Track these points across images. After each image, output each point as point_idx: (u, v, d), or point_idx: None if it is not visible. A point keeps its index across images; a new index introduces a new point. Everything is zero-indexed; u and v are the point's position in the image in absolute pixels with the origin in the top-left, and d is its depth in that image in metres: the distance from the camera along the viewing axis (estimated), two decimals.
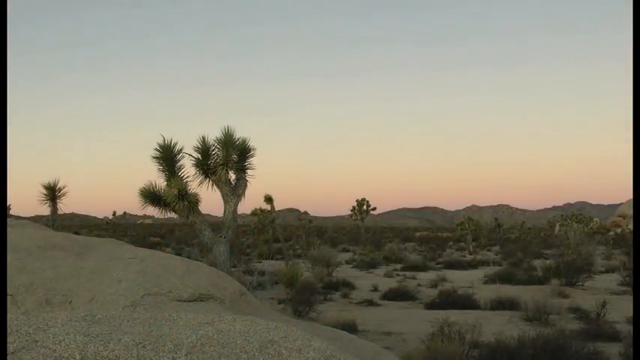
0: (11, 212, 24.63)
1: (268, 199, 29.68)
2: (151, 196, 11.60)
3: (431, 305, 15.27)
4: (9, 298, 5.36)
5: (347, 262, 30.96)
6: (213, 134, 11.83)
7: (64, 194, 16.45)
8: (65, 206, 16.61)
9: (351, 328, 10.91)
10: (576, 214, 61.35)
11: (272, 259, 32.39)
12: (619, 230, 60.70)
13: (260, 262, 29.38)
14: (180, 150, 11.87)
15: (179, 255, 15.03)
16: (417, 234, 78.93)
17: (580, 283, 19.60)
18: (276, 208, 31.56)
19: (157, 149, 11.72)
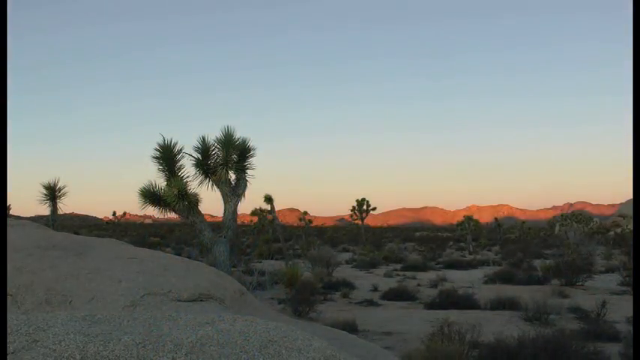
0: (11, 212, 24.64)
1: (268, 199, 29.68)
2: (151, 196, 11.60)
3: (431, 305, 15.26)
4: (9, 298, 5.37)
5: (347, 262, 30.95)
6: (213, 134, 11.86)
7: (64, 194, 16.48)
8: (65, 206, 16.66)
9: (351, 328, 10.90)
10: (576, 214, 61.29)
11: (272, 259, 32.38)
12: (619, 230, 60.59)
13: (260, 262, 29.36)
14: (180, 150, 11.88)
15: (179, 255, 15.02)
16: (417, 234, 78.91)
17: (580, 283, 19.59)
18: (276, 208, 31.55)
19: (156, 149, 11.72)
